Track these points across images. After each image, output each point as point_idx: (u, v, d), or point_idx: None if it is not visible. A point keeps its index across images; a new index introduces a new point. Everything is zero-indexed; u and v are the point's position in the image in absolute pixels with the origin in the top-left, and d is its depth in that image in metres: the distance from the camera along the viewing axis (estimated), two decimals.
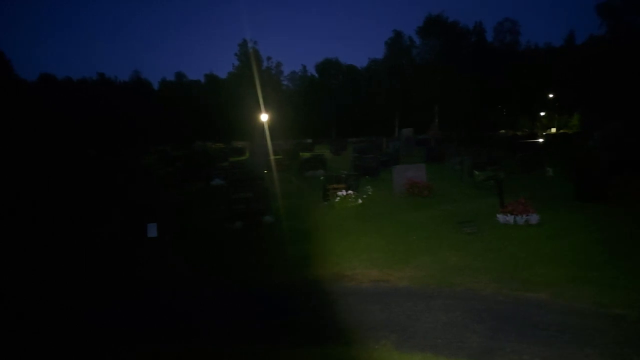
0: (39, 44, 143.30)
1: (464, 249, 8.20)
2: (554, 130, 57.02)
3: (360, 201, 12.84)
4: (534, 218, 9.51)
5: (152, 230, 10.32)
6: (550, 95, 57.88)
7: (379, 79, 66.76)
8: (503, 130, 53.69)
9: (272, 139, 34.09)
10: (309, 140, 46.10)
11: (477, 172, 16.22)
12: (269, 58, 71.52)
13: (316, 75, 74.24)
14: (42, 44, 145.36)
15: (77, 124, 59.08)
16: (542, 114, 62.79)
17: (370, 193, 13.66)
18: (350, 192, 13.06)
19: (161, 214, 12.80)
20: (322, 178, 15.12)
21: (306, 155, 28.87)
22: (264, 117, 43.30)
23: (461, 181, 16.75)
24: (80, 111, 60.98)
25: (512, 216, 9.58)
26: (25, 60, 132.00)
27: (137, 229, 10.59)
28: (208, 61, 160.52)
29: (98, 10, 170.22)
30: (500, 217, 9.74)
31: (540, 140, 33.84)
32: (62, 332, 5.81)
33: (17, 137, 40.19)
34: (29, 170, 25.64)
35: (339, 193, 12.89)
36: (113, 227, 11.94)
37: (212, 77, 76.11)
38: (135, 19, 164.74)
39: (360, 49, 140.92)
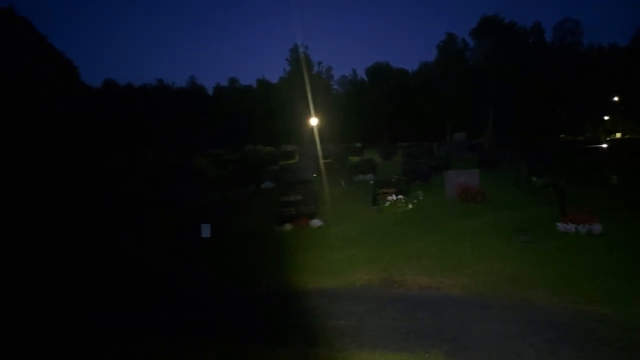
0: (103, 52, 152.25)
1: (520, 258, 7.87)
2: (619, 135, 53.57)
3: (410, 206, 12.65)
4: (597, 228, 8.97)
5: (206, 231, 10.67)
6: (616, 98, 54.48)
7: (430, 82, 65.58)
8: (563, 135, 51.09)
9: (321, 143, 34.28)
10: (358, 145, 45.92)
11: (534, 179, 15.53)
12: (319, 63, 72.12)
13: (366, 79, 74.01)
14: (106, 52, 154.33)
15: (136, 127, 62.26)
16: (606, 118, 59.20)
17: (421, 198, 13.42)
18: (400, 196, 12.90)
19: (214, 215, 13.18)
20: (371, 182, 15.03)
21: (355, 159, 28.80)
22: (314, 121, 43.67)
23: (517, 188, 16.08)
24: (139, 115, 64.24)
25: (574, 225, 9.08)
26: (91, 68, 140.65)
27: (191, 229, 10.97)
28: (260, 67, 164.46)
29: (158, 20, 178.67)
30: (561, 226, 9.27)
31: (604, 145, 31.91)
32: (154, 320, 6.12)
33: (82, 141, 42.80)
34: (94, 171, 27.23)
35: (389, 198, 12.76)
36: (169, 226, 12.44)
37: (264, 82, 77.74)
38: (192, 27, 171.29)
39: (411, 52, 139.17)
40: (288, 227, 11.28)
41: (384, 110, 66.13)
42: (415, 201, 13.04)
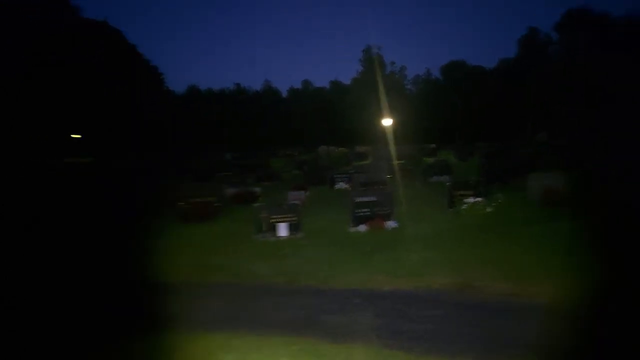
0: (186, 58, 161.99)
1: None
2: None
3: (489, 209, 12.17)
4: None
5: (283, 230, 11.02)
6: None
7: (510, 79, 62.36)
8: None
9: (394, 144, 33.92)
10: (433, 145, 44.91)
11: None
12: (392, 63, 71.43)
13: (441, 78, 72.07)
14: (188, 58, 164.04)
15: (216, 130, 65.69)
16: None
17: (500, 201, 12.86)
18: (478, 199, 12.46)
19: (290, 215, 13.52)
20: (447, 184, 14.64)
21: (430, 160, 28.20)
22: (387, 122, 43.33)
23: None
24: (219, 119, 67.73)
25: None
26: (175, 74, 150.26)
27: (269, 228, 11.36)
28: (333, 68, 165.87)
29: (235, 26, 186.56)
30: None
31: None
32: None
33: (167, 145, 45.92)
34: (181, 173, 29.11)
35: (466, 200, 12.38)
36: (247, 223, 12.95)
37: (336, 83, 78.44)
38: (266, 30, 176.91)
39: (489, 50, 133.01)
40: (362, 228, 11.33)
41: (459, 110, 63.97)
42: (494, 204, 12.52)
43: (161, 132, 46.29)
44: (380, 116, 46.27)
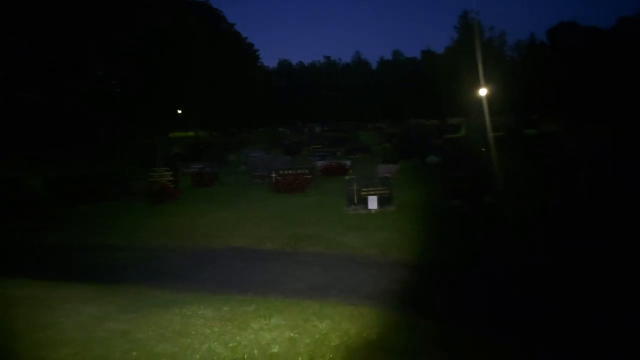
0: (277, 33, 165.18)
1: None
2: None
3: None
4: None
5: (372, 203, 10.97)
6: None
7: (632, 39, 54.93)
8: None
9: (492, 115, 31.88)
10: (535, 116, 41.60)
11: None
12: (491, 28, 66.50)
13: (548, 42, 65.70)
14: (280, 33, 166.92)
15: (306, 103, 66.80)
16: None
17: None
18: None
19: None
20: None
21: (532, 132, 26.17)
22: (483, 92, 40.73)
23: None
24: (308, 91, 68.64)
25: None
26: (268, 49, 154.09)
27: (360, 200, 11.34)
28: (425, 37, 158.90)
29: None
30: None
31: None
32: None
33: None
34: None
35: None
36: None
37: (429, 53, 75.20)
38: (358, 1, 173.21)
39: (606, 7, 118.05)
40: (457, 202, 10.89)
41: (567, 77, 58.02)
42: None
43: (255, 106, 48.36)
44: (476, 86, 43.60)
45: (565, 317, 5.19)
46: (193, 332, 4.56)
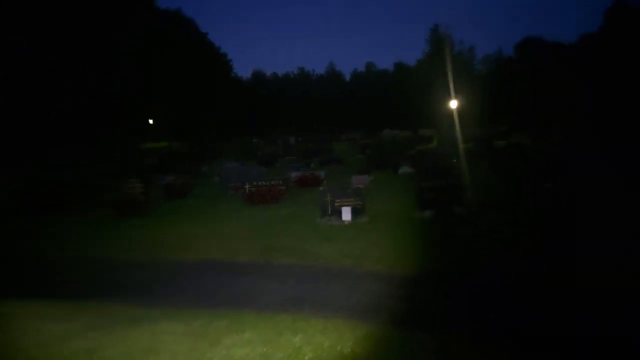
0: (250, 44, 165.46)
1: None
2: None
3: None
4: None
5: (346, 214, 10.99)
6: None
7: (595, 55, 57.25)
8: None
9: (462, 127, 32.55)
10: (504, 128, 42.71)
11: None
12: (460, 42, 68.35)
13: (514, 56, 67.90)
14: (253, 44, 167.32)
15: (280, 114, 66.90)
16: None
17: None
18: None
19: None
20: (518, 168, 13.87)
21: (501, 143, 26.85)
22: (454, 104, 41.60)
23: None
24: (282, 102, 68.84)
25: None
26: (240, 60, 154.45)
27: (333, 211, 11.36)
28: (398, 50, 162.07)
29: (297, 10, 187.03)
30: None
31: None
32: None
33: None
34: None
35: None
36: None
37: (401, 65, 76.44)
38: (332, 13, 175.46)
39: (568, 25, 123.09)
40: (428, 213, 11.03)
41: (536, 90, 59.98)
42: None
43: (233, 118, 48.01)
44: (447, 98, 44.54)
45: (528, 322, 5.29)
46: (162, 349, 4.44)
